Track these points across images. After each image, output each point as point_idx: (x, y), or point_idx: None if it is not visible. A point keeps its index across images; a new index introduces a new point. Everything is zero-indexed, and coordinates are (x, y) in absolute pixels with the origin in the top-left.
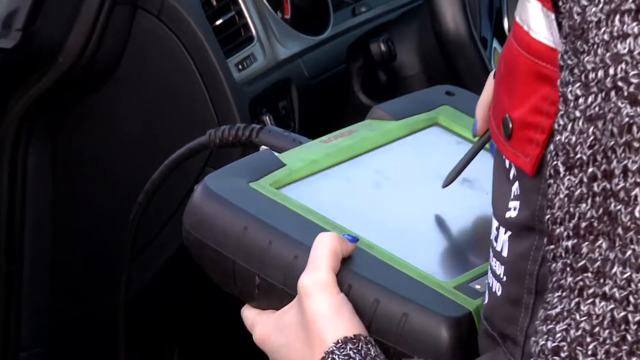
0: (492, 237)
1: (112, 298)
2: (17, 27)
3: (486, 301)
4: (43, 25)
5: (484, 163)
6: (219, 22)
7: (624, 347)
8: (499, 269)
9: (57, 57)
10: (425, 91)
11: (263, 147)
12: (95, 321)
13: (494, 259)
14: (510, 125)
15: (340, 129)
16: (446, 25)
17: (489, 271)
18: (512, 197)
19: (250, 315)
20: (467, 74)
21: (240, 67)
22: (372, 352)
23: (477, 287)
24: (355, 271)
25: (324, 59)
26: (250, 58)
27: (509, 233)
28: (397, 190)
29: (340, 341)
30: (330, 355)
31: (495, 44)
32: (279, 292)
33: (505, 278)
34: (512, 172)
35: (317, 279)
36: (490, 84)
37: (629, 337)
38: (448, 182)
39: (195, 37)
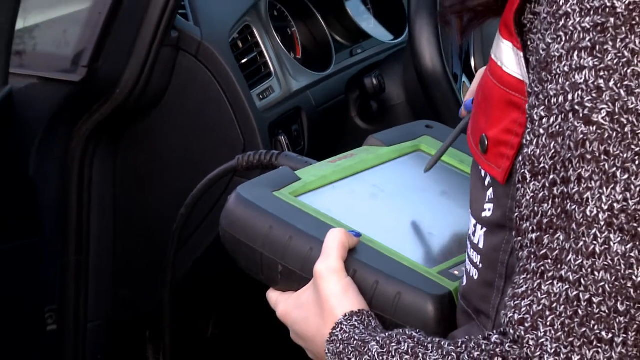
0: (470, 232)
1: (159, 283)
2: (83, 64)
3: (464, 284)
4: (104, 63)
5: (457, 181)
6: (244, 60)
7: (576, 320)
8: (476, 258)
9: (115, 89)
10: (410, 124)
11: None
12: (145, 299)
13: (472, 250)
14: (486, 143)
15: (340, 147)
16: (425, 64)
17: (467, 260)
18: (487, 200)
19: (273, 296)
20: (442, 103)
21: (261, 97)
22: (372, 323)
23: (456, 272)
24: (359, 259)
25: (327, 90)
26: (269, 90)
27: (484, 229)
28: (390, 200)
29: (347, 315)
30: (339, 326)
31: (464, 79)
32: (298, 277)
33: (481, 265)
34: (487, 180)
35: (329, 265)
36: (476, 82)
37: (580, 312)
38: (429, 168)
39: (226, 73)
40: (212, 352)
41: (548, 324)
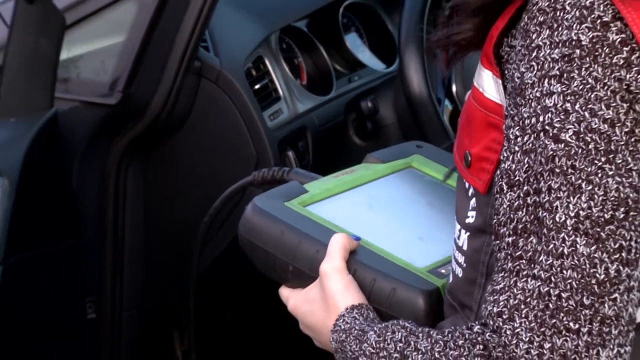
0: (456, 236)
1: (183, 279)
2: (119, 89)
3: (450, 281)
4: (137, 88)
5: (442, 192)
6: (257, 86)
7: (547, 312)
8: (461, 259)
9: (146, 111)
10: (403, 144)
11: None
12: (171, 292)
13: (457, 252)
14: (470, 159)
15: (340, 161)
16: (413, 90)
17: (453, 260)
18: (470, 208)
19: (285, 292)
20: (427, 124)
21: (271, 117)
22: (370, 315)
23: (443, 271)
24: (359, 260)
25: (329, 112)
26: (279, 112)
27: (468, 234)
28: (385, 209)
29: (349, 308)
30: (342, 318)
31: (447, 102)
32: (306, 275)
33: (465, 265)
34: (470, 191)
35: (333, 265)
36: None
37: (550, 305)
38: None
39: (241, 97)
40: (229, 340)
41: (523, 316)
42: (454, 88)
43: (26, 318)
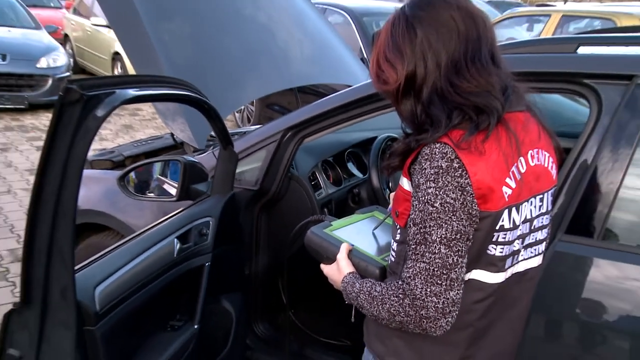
0: (392, 244)
1: (283, 260)
2: (259, 183)
3: (390, 263)
4: (265, 182)
5: (387, 228)
6: (313, 183)
7: (428, 276)
8: (393, 254)
9: (269, 193)
10: (370, 207)
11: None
12: (278, 265)
13: (392, 251)
14: (397, 213)
15: (345, 214)
16: (374, 186)
17: (391, 254)
18: (397, 233)
19: (322, 265)
20: (380, 200)
21: (318, 195)
22: (357, 277)
23: (387, 259)
24: (353, 254)
25: (341, 194)
26: (321, 193)
27: (396, 244)
28: (363, 233)
29: (348, 273)
30: (345, 277)
31: (388, 192)
32: (331, 260)
33: (395, 256)
34: (398, 226)
35: (342, 256)
36: (391, 198)
37: (429, 273)
38: (375, 228)
39: (307, 188)
40: (303, 290)
41: (418, 277)
42: (391, 185)
43: (223, 273)
